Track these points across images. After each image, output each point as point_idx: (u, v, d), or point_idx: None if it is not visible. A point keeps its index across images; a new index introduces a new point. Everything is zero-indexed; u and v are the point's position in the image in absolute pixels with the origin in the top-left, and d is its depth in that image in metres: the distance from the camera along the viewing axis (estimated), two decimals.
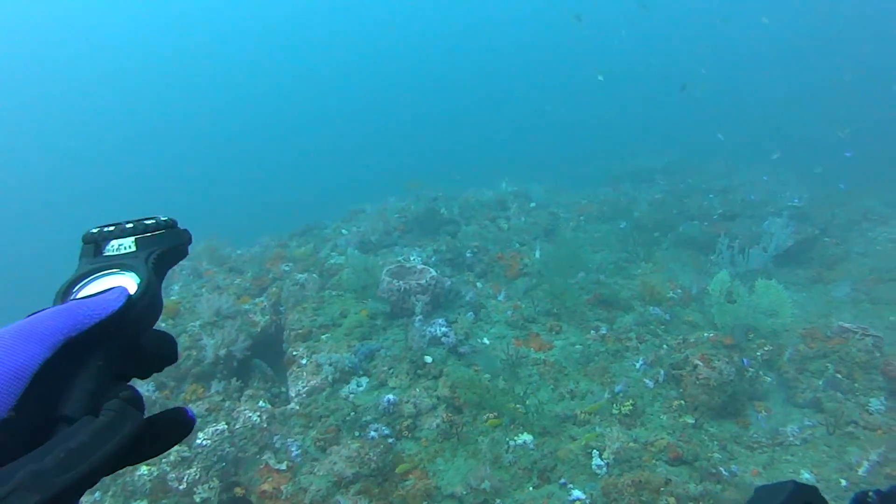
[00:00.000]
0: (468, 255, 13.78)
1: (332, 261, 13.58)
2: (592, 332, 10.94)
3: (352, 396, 9.50)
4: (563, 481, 7.87)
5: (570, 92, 53.48)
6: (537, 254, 14.06)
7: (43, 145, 66.35)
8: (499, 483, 7.83)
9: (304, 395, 9.56)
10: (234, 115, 72.64)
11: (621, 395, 9.36)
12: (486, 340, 10.70)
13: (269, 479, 8.22)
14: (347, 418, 9.02)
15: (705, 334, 10.42)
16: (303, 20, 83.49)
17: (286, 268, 13.25)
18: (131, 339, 1.07)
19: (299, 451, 8.60)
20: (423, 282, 11.03)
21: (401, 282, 11.00)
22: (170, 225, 1.29)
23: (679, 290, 12.50)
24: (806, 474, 7.86)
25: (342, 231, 16.07)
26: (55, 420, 0.87)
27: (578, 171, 25.89)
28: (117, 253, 1.21)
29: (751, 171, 21.44)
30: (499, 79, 66.76)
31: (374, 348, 10.15)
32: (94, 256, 1.21)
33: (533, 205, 18.34)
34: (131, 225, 1.25)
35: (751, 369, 9.65)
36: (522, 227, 15.98)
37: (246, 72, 78.22)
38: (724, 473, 7.77)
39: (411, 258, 13.41)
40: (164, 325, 10.84)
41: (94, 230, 1.25)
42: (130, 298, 1.05)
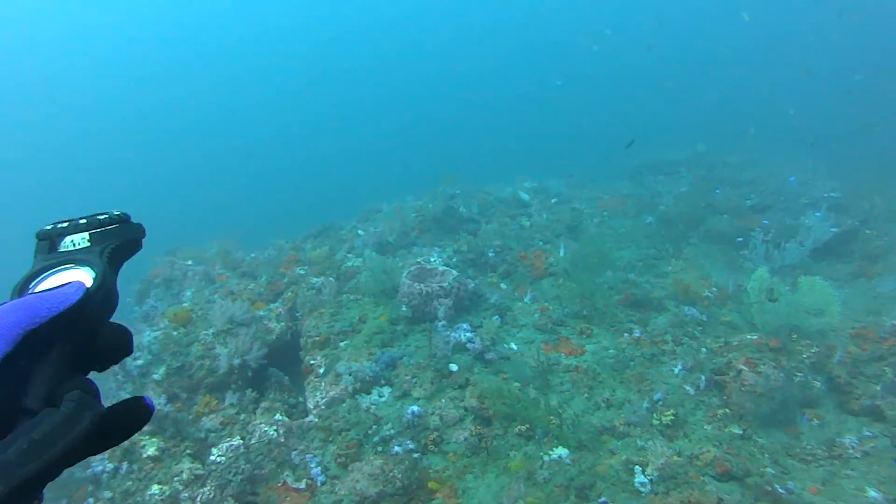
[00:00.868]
0: (490, 254, 13.20)
1: (349, 263, 13.02)
2: (625, 334, 10.34)
3: (373, 408, 8.94)
4: (602, 500, 7.28)
5: (584, 87, 52.72)
6: (562, 252, 13.47)
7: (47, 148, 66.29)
8: (534, 503, 7.26)
9: (322, 407, 9.01)
10: (247, 115, 72.39)
11: (661, 403, 8.76)
12: (513, 346, 10.11)
13: (288, 498, 7.69)
14: (369, 432, 8.47)
15: (748, 337, 9.75)
16: (315, 19, 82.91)
17: (301, 271, 12.70)
18: (88, 332, 1.08)
19: (319, 467, 8.05)
20: (446, 284, 10.47)
21: (422, 285, 10.44)
22: (123, 219, 1.30)
23: (714, 289, 11.87)
24: (872, 492, 7.19)
25: (358, 232, 15.51)
26: (17, 412, 0.89)
27: (598, 166, 25.20)
28: (72, 249, 1.23)
29: (776, 162, 20.72)
30: (513, 76, 66.08)
31: (395, 356, 9.58)
32: (49, 252, 1.23)
33: (554, 200, 17.73)
34: (84, 221, 1.27)
35: (798, 375, 9.03)
36: (545, 224, 15.37)
37: (260, 72, 77.91)
38: (780, 491, 7.11)
39: (431, 259, 12.84)
40: (175, 333, 10.35)
41: (49, 227, 1.27)
42: (88, 291, 1.07)
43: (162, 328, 10.54)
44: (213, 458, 8.15)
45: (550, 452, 7.97)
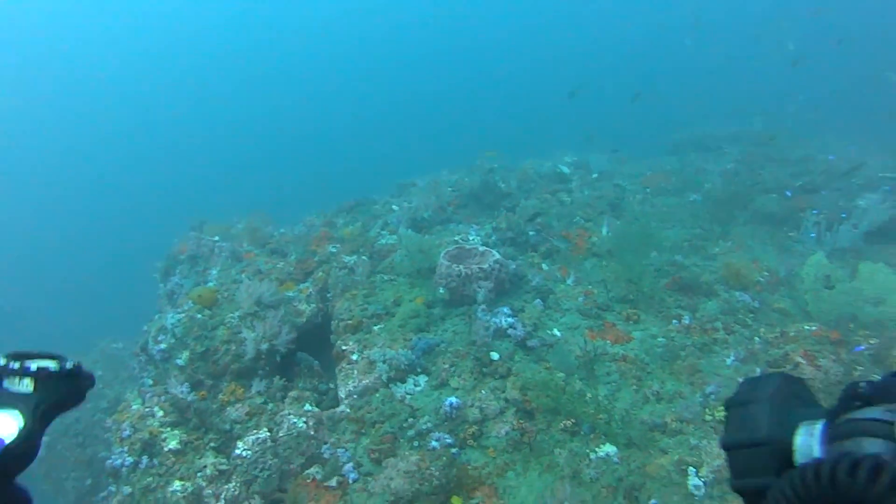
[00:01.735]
0: (531, 233, 12.60)
1: (383, 241, 12.50)
2: (674, 321, 9.73)
3: (409, 398, 8.45)
4: (654, 503, 6.75)
5: (626, 60, 51.59)
6: (605, 230, 12.85)
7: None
8: None
9: (355, 397, 8.54)
10: (278, 87, 72.12)
11: (713, 397, 8.16)
12: (556, 332, 9.55)
13: (317, 497, 7.24)
14: (404, 425, 7.98)
15: (806, 327, 9.07)
16: None
17: (333, 249, 12.19)
18: None
19: (351, 463, 7.58)
20: (486, 266, 9.91)
21: (461, 266, 9.89)
22: (72, 374, 1.35)
23: (766, 273, 11.20)
24: None
25: (392, 207, 14.99)
26: None
27: (639, 141, 24.40)
28: (13, 391, 1.29)
29: (826, 140, 19.78)
30: (552, 47, 64.82)
31: (432, 343, 9.06)
32: None
33: (595, 176, 17.05)
34: (35, 368, 1.31)
35: (860, 368, 8.37)
36: (586, 200, 14.72)
37: (292, 42, 77.38)
38: None
39: (469, 238, 12.27)
40: (199, 316, 9.93)
41: (1, 362, 1.31)
42: (6, 447, 1.13)
43: (186, 310, 10.12)
44: (238, 451, 7.71)
45: (597, 450, 7.44)
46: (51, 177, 57.71)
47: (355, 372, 8.82)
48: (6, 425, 1.12)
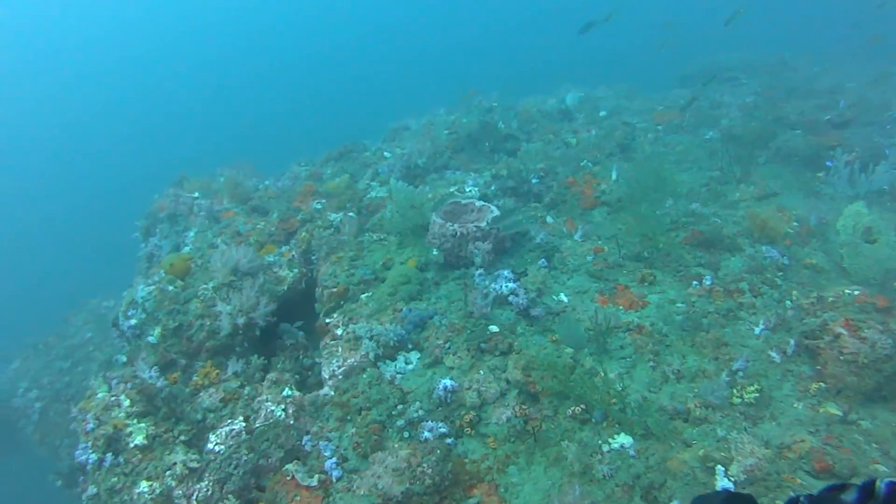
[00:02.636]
0: (534, 181, 11.59)
1: (373, 193, 11.52)
2: (694, 283, 8.79)
3: (399, 378, 7.60)
4: None
5: None
6: (614, 175, 11.82)
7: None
8: None
9: (339, 378, 7.69)
10: (271, 35, 70.47)
11: (741, 374, 7.28)
12: (563, 297, 8.63)
13: (297, 497, 6.45)
14: (394, 412, 7.14)
15: (847, 291, 8.08)
16: None
17: (318, 206, 11.20)
18: None
19: (334, 458, 6.77)
20: (484, 224, 8.94)
21: (455, 225, 8.92)
22: None
23: (795, 224, 10.20)
24: None
25: (384, 154, 13.96)
26: None
27: (648, 72, 23.06)
28: None
29: (850, 69, 18.46)
30: None
31: (424, 315, 8.14)
32: None
33: (603, 113, 15.89)
34: None
35: None
36: (593, 141, 13.62)
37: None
38: None
39: (467, 189, 11.26)
40: (171, 288, 9.04)
41: None
42: None
43: (156, 281, 9.22)
44: (211, 446, 6.91)
45: (610, 441, 6.60)
46: (45, 129, 56.82)
47: (340, 349, 7.96)
48: None
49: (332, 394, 7.51)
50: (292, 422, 7.15)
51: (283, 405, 7.29)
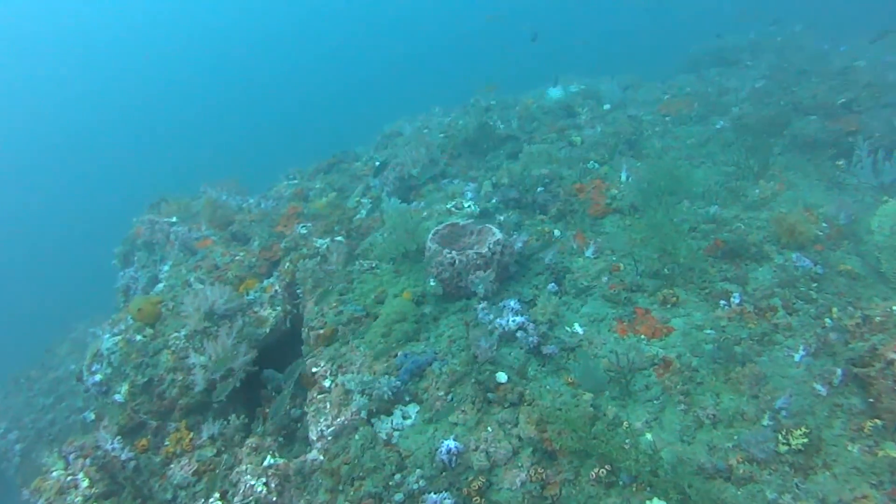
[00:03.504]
0: (539, 189, 10.63)
1: (364, 212, 10.56)
2: (722, 302, 7.84)
3: (396, 436, 6.66)
4: None
5: None
6: (624, 176, 10.88)
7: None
8: None
9: (329, 439, 6.76)
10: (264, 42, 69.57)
11: (785, 413, 6.34)
12: (577, 327, 7.68)
13: None
14: (391, 482, 6.20)
15: (894, 308, 7.15)
16: None
17: (303, 230, 10.24)
18: None
19: None
20: (486, 251, 7.98)
21: (454, 252, 7.96)
22: None
23: (824, 225, 9.26)
24: None
25: (376, 163, 12.99)
26: None
27: (652, 58, 22.02)
28: None
29: (860, 45, 17.37)
30: None
31: (422, 362, 7.18)
32: None
33: (607, 107, 14.89)
34: None
35: None
36: (598, 139, 12.63)
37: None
38: None
39: (465, 204, 10.28)
40: (139, 338, 8.12)
41: None
42: None
43: (123, 330, 8.29)
44: None
45: None
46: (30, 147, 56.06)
47: (328, 405, 7.01)
48: None
49: (321, 458, 6.58)
50: (275, 498, 6.24)
51: (264, 478, 6.38)
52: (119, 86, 64.12)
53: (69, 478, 6.60)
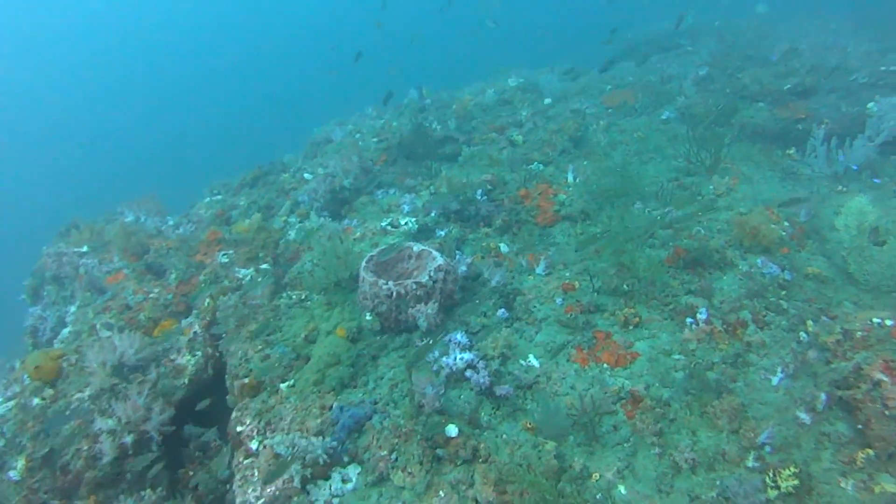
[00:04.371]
0: (480, 197, 9.86)
1: (292, 234, 9.62)
2: (688, 320, 7.17)
3: (335, 502, 5.83)
4: None
5: None
6: (570, 177, 10.19)
7: None
8: None
9: None
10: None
11: (769, 450, 5.69)
12: (533, 360, 6.92)
13: None
14: None
15: (875, 320, 6.54)
16: None
17: (224, 258, 9.25)
18: None
19: None
20: (426, 279, 7.15)
21: (391, 283, 7.11)
22: None
23: (786, 223, 8.70)
24: None
25: (304, 175, 12.05)
26: None
27: (588, 46, 21.42)
28: None
29: (793, 28, 17.01)
30: None
31: (361, 416, 6.30)
32: None
33: (548, 101, 14.18)
34: None
35: None
36: (542, 137, 11.90)
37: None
38: None
39: (401, 221, 9.41)
40: (36, 401, 7.10)
41: None
42: None
43: (17, 393, 7.25)
44: None
45: None
46: None
47: (256, 473, 6.12)
48: None
49: None
50: None
51: None
52: (46, 90, 61.44)
53: None
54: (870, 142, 9.93)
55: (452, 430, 5.97)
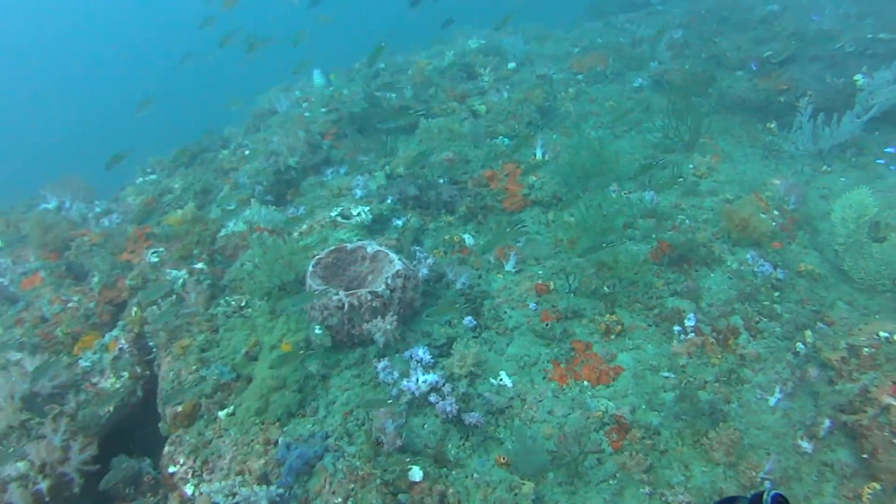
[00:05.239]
0: (440, 180, 9.00)
1: (231, 227, 8.63)
2: (676, 328, 6.49)
3: None
4: None
5: None
6: (539, 153, 9.37)
7: None
8: None
9: None
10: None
11: (769, 485, 5.04)
12: (505, 378, 6.15)
13: None
14: None
15: (883, 334, 5.87)
16: None
17: (154, 258, 8.21)
18: None
19: None
20: (382, 289, 6.29)
21: (342, 294, 6.23)
22: None
23: (776, 213, 8.04)
24: None
25: (245, 152, 11.02)
26: None
27: (552, 4, 20.46)
28: None
29: None
30: None
31: (310, 455, 5.43)
32: None
33: (512, 65, 13.24)
34: None
35: None
36: (506, 107, 10.97)
37: None
38: None
39: (353, 211, 8.45)
40: None
41: None
42: None
43: None
44: None
45: None
46: None
47: None
48: None
49: None
50: None
51: None
52: None
53: None
54: (857, 118, 9.31)
55: (417, 473, 5.17)
